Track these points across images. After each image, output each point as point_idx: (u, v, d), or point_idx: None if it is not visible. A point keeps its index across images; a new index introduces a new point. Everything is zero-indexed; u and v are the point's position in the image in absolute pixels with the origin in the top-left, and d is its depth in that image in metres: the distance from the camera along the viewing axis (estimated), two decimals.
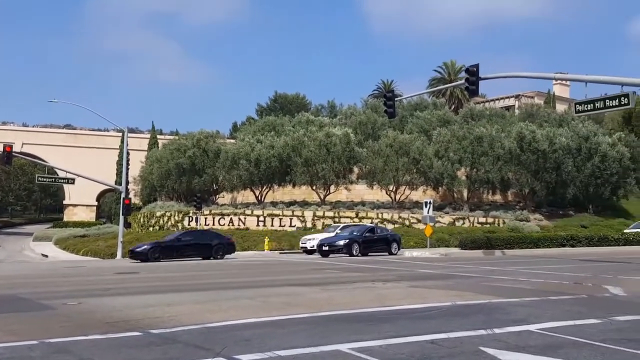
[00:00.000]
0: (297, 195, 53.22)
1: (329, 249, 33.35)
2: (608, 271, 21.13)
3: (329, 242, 34.02)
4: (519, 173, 48.89)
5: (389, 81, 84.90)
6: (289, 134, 52.55)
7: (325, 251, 33.42)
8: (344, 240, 33.76)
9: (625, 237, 41.28)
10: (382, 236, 35.75)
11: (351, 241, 33.47)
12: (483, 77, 25.82)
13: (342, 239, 33.94)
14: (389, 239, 35.63)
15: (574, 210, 52.50)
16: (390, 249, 35.07)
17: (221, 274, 22.11)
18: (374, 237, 35.12)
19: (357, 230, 35.61)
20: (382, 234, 36.17)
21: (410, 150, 48.24)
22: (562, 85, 75.15)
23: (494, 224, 47.20)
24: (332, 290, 15.40)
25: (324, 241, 34.67)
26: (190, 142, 55.73)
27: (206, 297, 13.81)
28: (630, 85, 22.98)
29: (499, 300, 12.93)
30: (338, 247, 33.28)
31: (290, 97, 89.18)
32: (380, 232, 36.34)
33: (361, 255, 32.91)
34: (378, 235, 35.55)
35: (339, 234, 36.44)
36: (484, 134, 49.09)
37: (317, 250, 34.65)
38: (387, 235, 36.16)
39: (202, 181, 54.62)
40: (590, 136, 50.96)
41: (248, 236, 44.76)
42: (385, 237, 35.72)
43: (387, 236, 35.98)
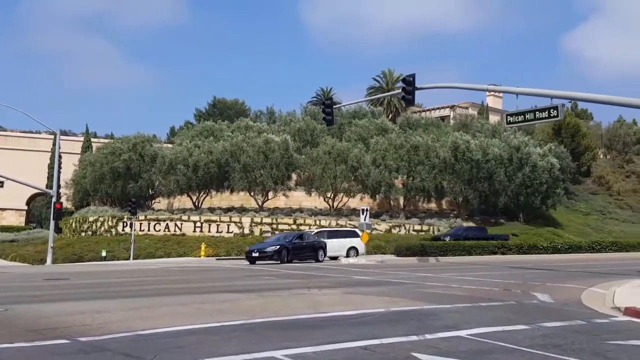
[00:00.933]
0: (235, 201, 52.86)
1: (259, 256, 32.86)
2: (536, 278, 21.75)
3: (259, 249, 33.60)
4: (453, 182, 49.96)
5: (328, 89, 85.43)
6: (227, 139, 52.20)
7: (254, 257, 32.85)
8: (274, 246, 33.37)
9: (554, 246, 42.66)
10: (310, 243, 35.43)
11: (281, 247, 33.15)
12: (419, 87, 26.28)
13: (272, 245, 33.58)
14: (316, 246, 35.33)
15: (505, 219, 53.95)
16: (317, 256, 34.75)
17: (154, 280, 21.73)
18: (303, 244, 34.84)
19: (287, 237, 35.29)
20: (310, 240, 35.80)
21: (348, 157, 48.66)
22: (495, 97, 77.19)
23: (429, 231, 48.04)
24: (267, 296, 15.35)
25: (252, 247, 34.28)
26: (125, 146, 54.56)
27: (138, 304, 13.54)
28: (559, 97, 23.78)
29: (432, 307, 13.15)
30: (268, 253, 32.85)
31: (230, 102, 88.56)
32: (307, 238, 35.98)
33: (288, 262, 32.57)
34: (306, 242, 35.27)
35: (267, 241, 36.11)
36: (420, 143, 49.98)
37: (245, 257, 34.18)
38: (314, 242, 35.75)
39: (137, 186, 53.56)
40: (521, 147, 52.51)
41: (184, 242, 44.20)
42: (313, 244, 35.40)
43: (314, 243, 35.61)
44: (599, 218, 62.10)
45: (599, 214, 63.17)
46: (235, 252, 41.57)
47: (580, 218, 60.97)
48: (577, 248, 43.35)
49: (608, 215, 63.15)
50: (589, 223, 59.99)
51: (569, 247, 43.10)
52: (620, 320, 11.59)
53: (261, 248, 33.55)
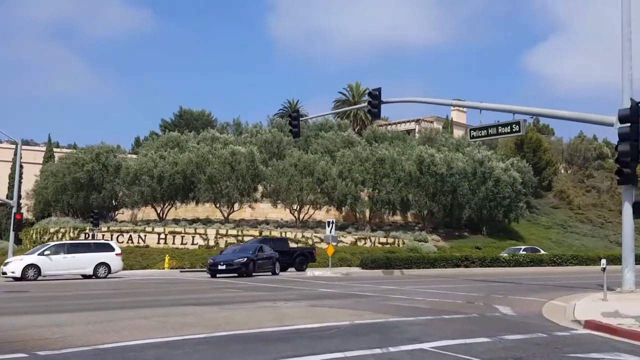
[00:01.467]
0: (200, 212, 52.50)
1: (226, 269, 31.49)
2: (499, 291, 22.02)
3: (226, 261, 32.11)
4: (418, 195, 50.41)
5: (295, 101, 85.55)
6: (193, 150, 51.91)
7: (220, 270, 31.48)
8: (242, 259, 32.15)
9: (516, 259, 43.25)
10: (269, 255, 34.21)
11: (249, 260, 32.10)
12: (385, 100, 26.57)
13: (240, 258, 32.27)
14: (274, 259, 34.30)
15: (469, 232, 54.58)
16: (275, 268, 33.90)
17: (116, 293, 21.45)
18: (264, 256, 33.77)
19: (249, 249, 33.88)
20: (269, 253, 34.41)
21: (314, 170, 48.77)
22: (459, 112, 78.12)
23: (394, 244, 48.32)
24: (232, 309, 15.27)
25: (218, 259, 32.78)
26: (88, 156, 53.89)
27: (99, 317, 13.35)
28: (521, 113, 24.24)
29: (396, 319, 13.23)
30: (235, 266, 31.64)
31: (196, 113, 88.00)
32: (267, 250, 34.57)
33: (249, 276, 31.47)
34: (267, 254, 34.10)
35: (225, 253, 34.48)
36: (386, 156, 50.36)
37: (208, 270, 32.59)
38: (272, 254, 34.47)
39: (100, 197, 52.87)
40: (484, 161, 53.27)
41: (148, 254, 43.69)
42: (271, 257, 34.26)
43: (272, 255, 34.42)
44: (560, 232, 63.15)
45: (560, 227, 64.24)
46: (200, 265, 41.20)
47: (542, 231, 61.92)
48: (538, 261, 44.00)
49: (569, 229, 64.24)
50: (550, 236, 60.96)
51: (530, 261, 43.72)
52: (581, 333, 11.79)
53: (228, 260, 32.17)
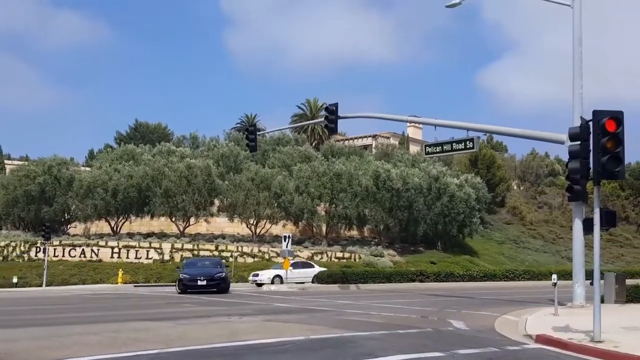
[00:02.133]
0: (155, 226, 51.86)
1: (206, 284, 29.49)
2: (452, 306, 22.28)
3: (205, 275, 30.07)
4: (375, 210, 50.70)
5: (252, 115, 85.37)
6: (149, 163, 51.33)
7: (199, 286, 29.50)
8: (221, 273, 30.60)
9: (470, 274, 43.80)
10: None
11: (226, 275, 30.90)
12: (342, 115, 26.78)
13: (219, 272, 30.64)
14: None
15: (424, 247, 55.07)
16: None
17: (67, 308, 21.02)
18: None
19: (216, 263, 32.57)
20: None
21: (271, 184, 48.71)
22: (415, 128, 79.03)
23: (351, 258, 48.46)
24: (186, 324, 15.11)
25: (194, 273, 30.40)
26: (40, 169, 52.82)
27: (47, 333, 13.06)
28: (475, 130, 24.72)
29: (350, 334, 13.27)
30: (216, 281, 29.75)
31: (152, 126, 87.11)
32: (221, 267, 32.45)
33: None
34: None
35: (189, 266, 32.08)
36: (342, 171, 50.60)
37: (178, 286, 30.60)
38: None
39: (52, 210, 51.80)
40: (440, 177, 53.93)
41: (101, 268, 42.95)
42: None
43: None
44: (513, 247, 64.24)
45: (512, 243, 65.36)
46: (155, 279, 40.69)
47: (495, 247, 62.91)
48: (491, 276, 44.65)
49: (522, 245, 65.40)
50: (504, 252, 61.96)
51: (484, 275, 44.34)
52: (532, 348, 12.01)
53: (208, 275, 30.03)
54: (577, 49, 22.93)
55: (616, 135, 12.12)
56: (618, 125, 12.13)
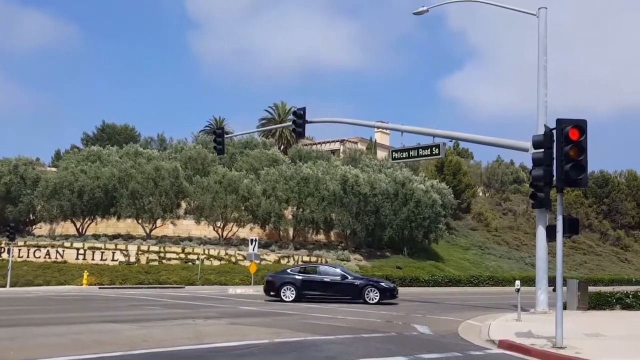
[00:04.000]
0: (121, 228, 51.34)
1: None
2: (418, 310, 22.58)
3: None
4: (342, 214, 50.91)
5: (221, 118, 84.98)
6: (115, 165, 50.83)
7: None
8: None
9: (435, 279, 44.28)
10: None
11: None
12: (309, 120, 26.93)
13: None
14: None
15: (390, 252, 55.41)
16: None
17: (30, 310, 20.77)
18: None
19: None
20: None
21: (239, 187, 48.61)
22: (383, 134, 79.44)
23: (318, 262, 48.53)
24: (150, 327, 15.08)
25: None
26: (6, 168, 52.04)
27: (10, 334, 12.95)
28: (441, 136, 25.08)
29: (314, 338, 13.42)
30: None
31: (119, 127, 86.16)
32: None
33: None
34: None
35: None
36: (310, 175, 50.73)
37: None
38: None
39: (17, 210, 51.02)
40: (406, 182, 54.37)
41: (66, 270, 42.32)
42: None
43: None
44: (478, 253, 64.99)
45: (477, 249, 66.10)
46: (120, 281, 40.28)
47: (460, 253, 63.57)
48: (456, 281, 45.23)
49: (486, 251, 66.16)
50: (469, 258, 62.65)
51: (449, 281, 44.90)
52: (495, 353, 12.26)
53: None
54: (541, 58, 23.45)
55: (579, 144, 12.38)
56: (581, 133, 12.41)
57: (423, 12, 26.54)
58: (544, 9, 23.81)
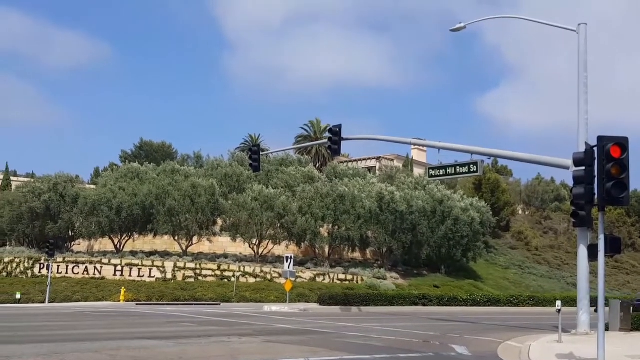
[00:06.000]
0: (158, 245, 51.83)
1: None
2: (455, 330, 22.15)
3: None
4: (378, 232, 50.55)
5: (257, 135, 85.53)
6: (153, 182, 51.41)
7: None
8: None
9: (473, 298, 43.55)
10: None
11: None
12: (345, 137, 26.83)
13: None
14: None
15: (427, 270, 54.79)
16: None
17: (67, 325, 20.95)
18: None
19: None
20: None
21: (275, 205, 48.64)
22: (420, 151, 79.05)
23: (353, 280, 48.24)
24: (186, 344, 15.04)
25: None
26: (46, 186, 52.98)
27: (48, 350, 13.03)
28: (478, 154, 24.71)
29: (350, 357, 13.20)
30: None
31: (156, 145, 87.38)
32: None
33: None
34: None
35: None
36: (346, 193, 50.53)
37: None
38: None
39: (57, 227, 51.85)
40: (444, 200, 53.81)
41: (103, 286, 42.88)
42: None
43: None
44: (518, 272, 63.82)
45: (517, 268, 64.91)
46: (157, 298, 40.57)
47: (500, 272, 62.51)
48: (495, 301, 44.39)
49: (526, 270, 64.91)
50: (508, 277, 61.56)
51: (487, 300, 44.09)
52: None
53: None
54: (582, 74, 23.00)
55: (621, 161, 12.05)
56: (623, 151, 12.08)
57: (461, 28, 26.32)
58: (584, 25, 23.38)
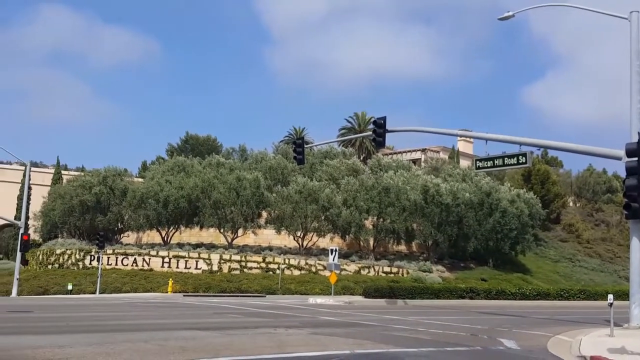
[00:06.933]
0: (204, 237, 52.46)
1: None
2: (504, 324, 21.81)
3: None
4: (423, 225, 50.16)
5: (300, 128, 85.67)
6: (199, 175, 52.03)
7: None
8: None
9: (522, 292, 42.86)
10: None
11: None
12: (390, 129, 26.57)
13: None
14: None
15: (474, 263, 54.16)
16: None
17: (117, 316, 21.37)
18: None
19: None
20: None
21: (319, 197, 48.68)
22: (466, 142, 78.12)
23: (398, 273, 48.03)
24: (233, 335, 15.15)
25: None
26: (96, 179, 54.17)
27: (100, 339, 13.29)
28: (527, 145, 24.21)
29: (397, 350, 13.10)
30: None
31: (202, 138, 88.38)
32: None
33: None
34: None
35: None
36: (391, 185, 50.22)
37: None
38: None
39: (106, 219, 53.00)
40: (491, 192, 53.05)
41: (152, 277, 43.62)
42: None
43: None
44: (568, 266, 62.57)
45: (568, 261, 63.64)
46: (203, 289, 41.10)
47: (550, 265, 61.41)
48: (545, 295, 43.60)
49: (577, 263, 63.58)
50: (558, 270, 60.42)
51: (537, 294, 43.33)
52: None
53: None
54: (634, 62, 22.29)
55: None
56: None
57: (509, 17, 25.79)
58: (636, 13, 22.64)
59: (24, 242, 41.97)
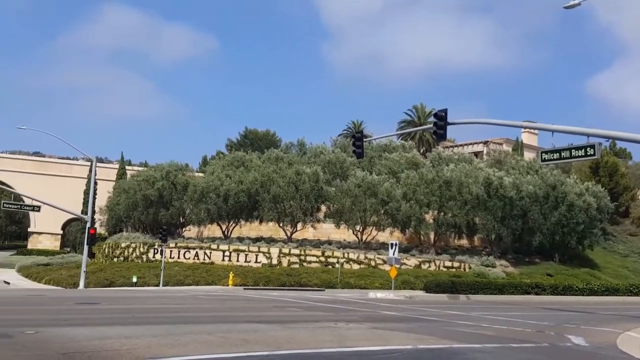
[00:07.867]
0: (264, 231, 52.84)
1: None
2: (571, 320, 21.21)
3: None
4: (486, 219, 49.17)
5: (359, 122, 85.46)
6: (258, 169, 52.41)
7: None
8: None
9: (590, 288, 41.64)
10: None
11: None
12: (451, 122, 26.04)
13: None
14: None
15: (540, 258, 52.83)
16: None
17: (181, 308, 21.70)
18: None
19: None
20: None
21: (378, 191, 48.33)
22: (530, 134, 76.37)
23: (460, 268, 47.30)
24: (294, 328, 15.16)
25: None
26: (159, 174, 55.20)
27: (165, 331, 13.49)
28: (595, 136, 23.34)
29: (460, 346, 12.84)
30: None
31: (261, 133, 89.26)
32: None
33: None
34: None
35: None
36: (452, 179, 49.41)
37: None
38: None
39: (169, 214, 54.01)
40: (557, 185, 51.58)
41: (213, 270, 44.22)
42: None
43: None
44: (638, 260, 60.37)
45: (637, 256, 61.40)
46: (263, 283, 41.44)
47: (619, 260, 59.43)
48: (614, 290, 42.26)
49: None
50: (627, 265, 58.42)
51: (605, 290, 42.04)
52: None
53: None
54: None
55: None
56: None
57: (575, 5, 24.89)
58: None
59: (91, 236, 43.20)
